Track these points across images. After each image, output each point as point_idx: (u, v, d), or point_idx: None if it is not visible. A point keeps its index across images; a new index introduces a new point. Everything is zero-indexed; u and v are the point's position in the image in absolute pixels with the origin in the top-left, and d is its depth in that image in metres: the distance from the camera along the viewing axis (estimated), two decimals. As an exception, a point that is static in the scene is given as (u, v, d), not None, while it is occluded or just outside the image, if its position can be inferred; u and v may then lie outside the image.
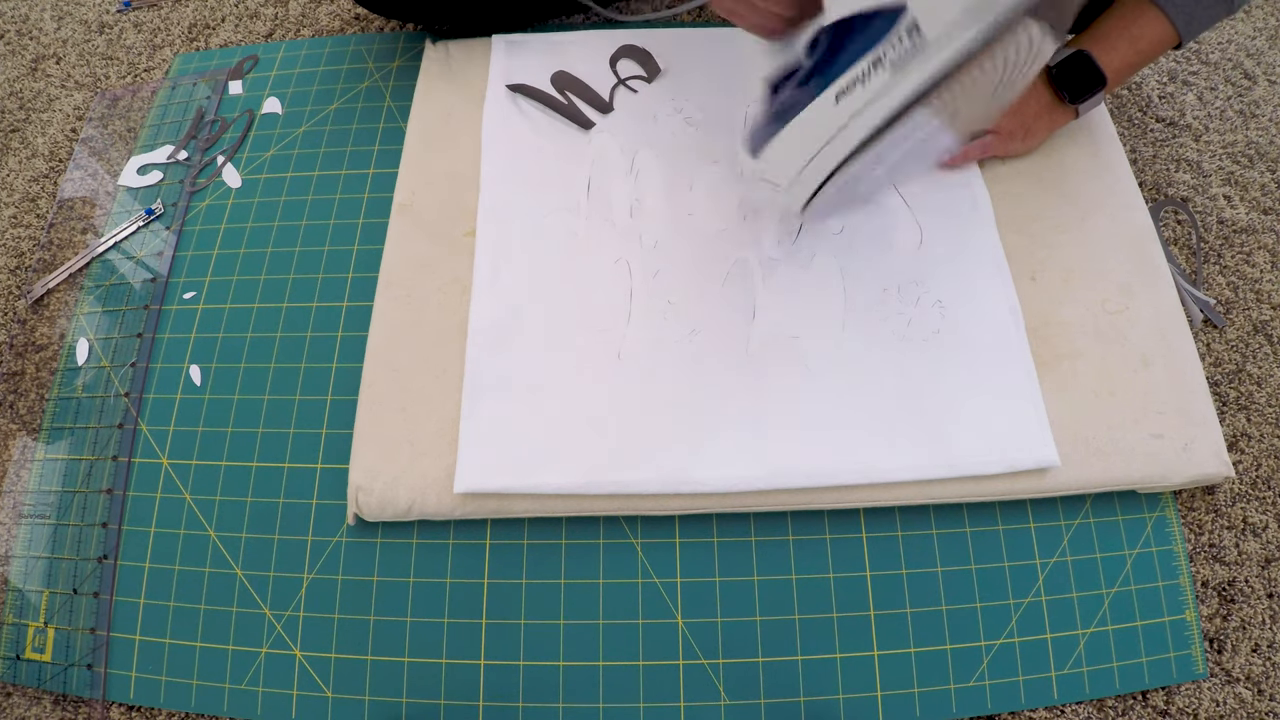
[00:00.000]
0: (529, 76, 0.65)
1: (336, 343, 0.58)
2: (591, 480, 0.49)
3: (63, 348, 0.61)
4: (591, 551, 0.51)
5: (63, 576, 0.53)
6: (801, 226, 0.57)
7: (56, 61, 0.77)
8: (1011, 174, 0.60)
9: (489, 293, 0.55)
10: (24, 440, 0.58)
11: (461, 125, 0.63)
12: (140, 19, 0.79)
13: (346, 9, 0.77)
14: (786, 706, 0.48)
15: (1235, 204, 0.65)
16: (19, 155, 0.72)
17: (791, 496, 0.50)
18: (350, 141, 0.66)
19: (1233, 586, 0.52)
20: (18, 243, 0.67)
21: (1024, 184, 0.59)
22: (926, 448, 0.50)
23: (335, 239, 0.62)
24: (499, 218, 0.58)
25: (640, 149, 0.61)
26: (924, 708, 0.48)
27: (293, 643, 0.50)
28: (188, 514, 0.53)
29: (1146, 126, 0.69)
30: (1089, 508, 0.52)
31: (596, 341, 0.53)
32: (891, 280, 0.55)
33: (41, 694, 0.51)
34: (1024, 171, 0.60)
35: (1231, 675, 0.49)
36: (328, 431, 0.55)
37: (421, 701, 0.49)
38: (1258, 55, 0.74)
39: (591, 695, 0.48)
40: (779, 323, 0.54)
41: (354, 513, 0.51)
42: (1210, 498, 0.54)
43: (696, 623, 0.50)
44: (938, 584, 0.50)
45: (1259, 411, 0.57)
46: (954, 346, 0.53)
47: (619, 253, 0.57)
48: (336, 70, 0.70)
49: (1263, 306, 0.61)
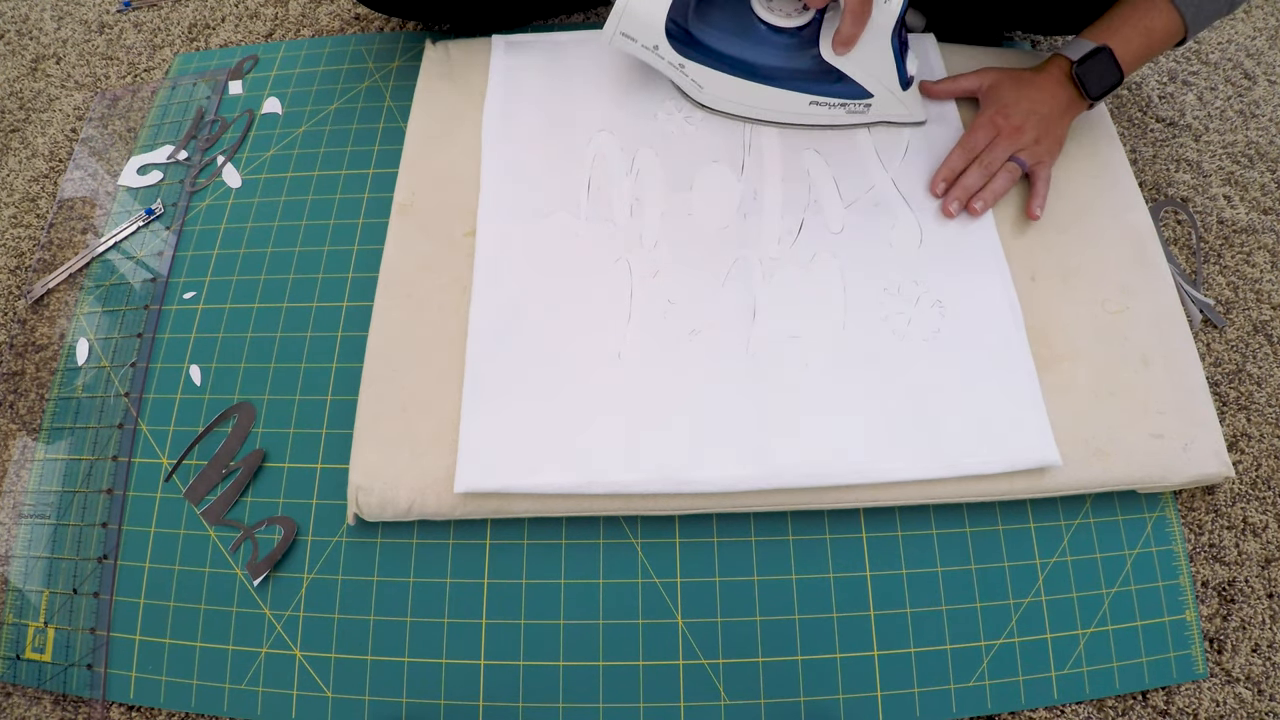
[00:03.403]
0: (529, 76, 0.65)
1: (336, 343, 0.58)
2: (591, 480, 0.49)
3: (63, 348, 0.61)
4: (591, 551, 0.51)
5: (63, 576, 0.53)
6: (802, 226, 0.57)
7: (56, 61, 0.77)
8: (1011, 174, 0.60)
9: (489, 293, 0.55)
10: (24, 440, 0.58)
11: (461, 125, 0.63)
12: (140, 19, 0.79)
13: (346, 9, 0.77)
14: (786, 706, 0.48)
15: (1235, 204, 0.65)
16: (19, 155, 0.72)
17: (791, 496, 0.50)
18: (350, 141, 0.66)
19: (1233, 586, 0.52)
20: (18, 243, 0.67)
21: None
22: (926, 447, 0.50)
23: (335, 239, 0.62)
24: (499, 218, 0.58)
25: (640, 149, 0.61)
26: (924, 708, 0.48)
27: (293, 643, 0.50)
28: (188, 514, 0.53)
29: (1146, 126, 0.69)
30: (1089, 508, 0.52)
31: (596, 341, 0.53)
32: (891, 280, 0.55)
33: (41, 694, 0.51)
34: (1024, 171, 0.60)
35: (1231, 675, 0.49)
36: (328, 431, 0.55)
37: (421, 701, 0.49)
38: (1258, 55, 0.74)
39: (591, 695, 0.48)
40: (779, 323, 0.54)
41: (354, 513, 0.50)
42: (1210, 498, 0.54)
43: (696, 623, 0.50)
44: (938, 584, 0.50)
45: (1259, 411, 0.57)
46: (954, 346, 0.53)
47: (619, 253, 0.57)
48: (336, 70, 0.70)
49: (1263, 306, 0.61)
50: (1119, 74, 0.55)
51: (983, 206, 0.57)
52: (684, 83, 0.60)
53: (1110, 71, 0.55)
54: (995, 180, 0.57)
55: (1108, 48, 0.55)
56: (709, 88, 0.59)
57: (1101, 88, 0.56)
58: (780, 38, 0.57)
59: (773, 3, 0.56)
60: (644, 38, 0.56)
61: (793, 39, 0.57)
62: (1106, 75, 0.56)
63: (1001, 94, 0.58)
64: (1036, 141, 0.57)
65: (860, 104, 0.58)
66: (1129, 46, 0.55)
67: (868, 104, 0.58)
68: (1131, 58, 0.55)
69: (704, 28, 0.58)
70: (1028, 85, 0.58)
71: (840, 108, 0.59)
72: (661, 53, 0.57)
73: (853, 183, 0.59)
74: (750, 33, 0.57)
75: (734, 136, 0.61)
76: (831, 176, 0.59)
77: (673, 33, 0.56)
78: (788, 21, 0.56)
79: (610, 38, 0.56)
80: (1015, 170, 0.57)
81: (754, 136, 0.61)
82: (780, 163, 0.60)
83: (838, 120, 0.60)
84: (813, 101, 0.58)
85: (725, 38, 0.58)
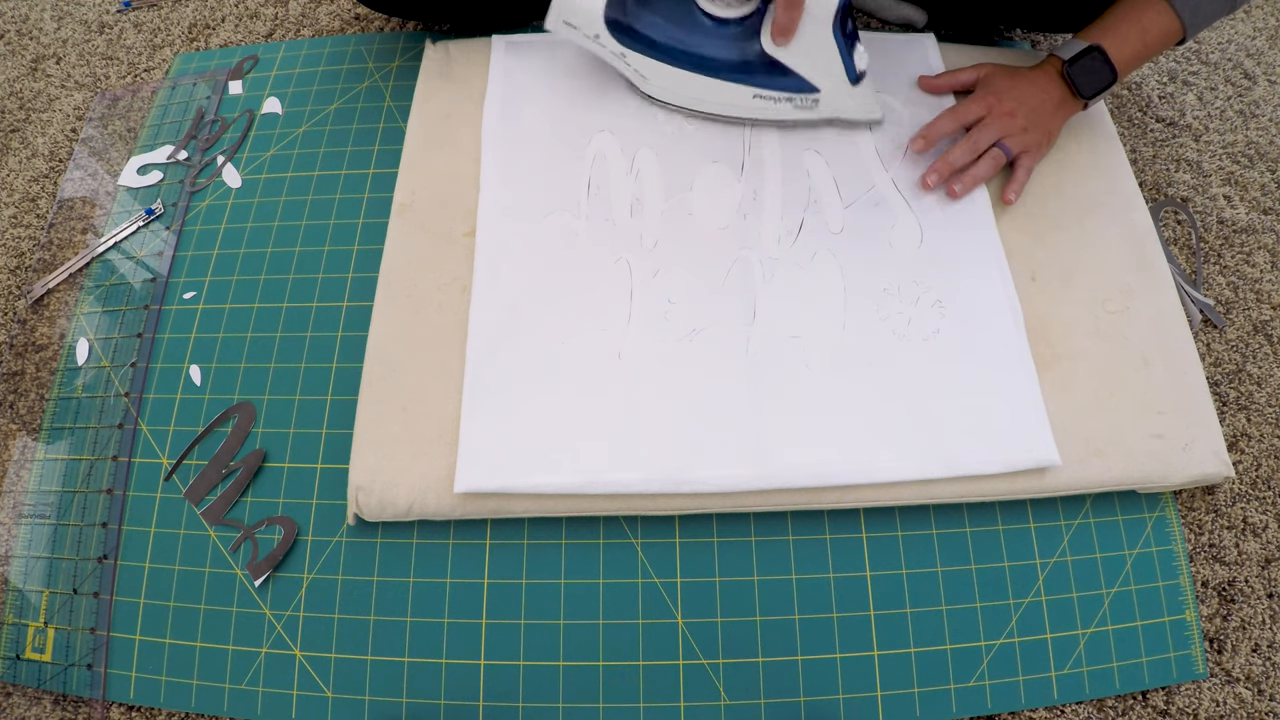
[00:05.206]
0: (529, 76, 0.65)
1: (336, 343, 0.58)
2: (591, 480, 0.49)
3: (63, 348, 0.61)
4: (591, 551, 0.51)
5: (63, 576, 0.53)
6: (802, 226, 0.57)
7: (56, 61, 0.77)
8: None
9: (489, 293, 0.55)
10: (24, 440, 0.58)
11: (461, 125, 0.63)
12: (140, 19, 0.79)
13: (346, 9, 0.77)
14: (786, 706, 0.48)
15: (1235, 204, 0.65)
16: (19, 155, 0.72)
17: (791, 496, 0.50)
18: (350, 141, 0.66)
19: (1233, 586, 0.52)
20: (18, 243, 0.67)
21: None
22: (926, 447, 0.50)
23: (335, 239, 0.62)
24: (499, 218, 0.58)
25: (640, 149, 0.61)
26: (924, 708, 0.48)
27: (293, 643, 0.50)
28: (188, 514, 0.53)
29: (1146, 126, 0.69)
30: (1089, 508, 0.52)
31: (596, 341, 0.53)
32: (891, 280, 0.55)
33: (41, 694, 0.51)
34: (1024, 171, 0.60)
35: (1231, 675, 0.49)
36: (328, 431, 0.55)
37: (421, 701, 0.49)
38: (1258, 55, 0.74)
39: (591, 695, 0.48)
40: (779, 322, 0.54)
41: (354, 513, 0.50)
42: (1210, 498, 0.54)
43: (696, 623, 0.50)
44: (938, 584, 0.50)
45: (1259, 411, 0.57)
46: (954, 346, 0.53)
47: (619, 253, 0.57)
48: (336, 70, 0.70)
49: (1263, 306, 0.61)
50: (1111, 74, 0.55)
51: (962, 190, 0.57)
52: (628, 73, 0.59)
53: (1102, 71, 0.56)
54: (978, 165, 0.57)
55: (1099, 47, 0.55)
56: (652, 79, 0.59)
57: (1093, 88, 0.56)
58: (722, 28, 0.56)
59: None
60: (585, 26, 0.56)
61: (735, 29, 0.56)
62: (1098, 75, 0.56)
63: (996, 81, 0.59)
64: (1024, 130, 0.57)
65: (807, 99, 0.57)
66: (1124, 46, 0.55)
67: (815, 99, 0.58)
68: (1127, 58, 0.55)
69: (645, 17, 0.57)
70: (1021, 78, 0.58)
71: (786, 102, 0.58)
72: (603, 42, 0.56)
73: (853, 183, 0.59)
74: (691, 23, 0.56)
75: (734, 137, 0.61)
76: (831, 176, 0.59)
77: (615, 22, 0.56)
78: (729, 11, 0.55)
79: (554, 26, 0.56)
80: (1000, 157, 0.57)
81: (754, 137, 0.61)
82: (780, 163, 0.60)
83: (785, 115, 0.59)
84: (756, 95, 0.58)
85: (667, 28, 0.57)
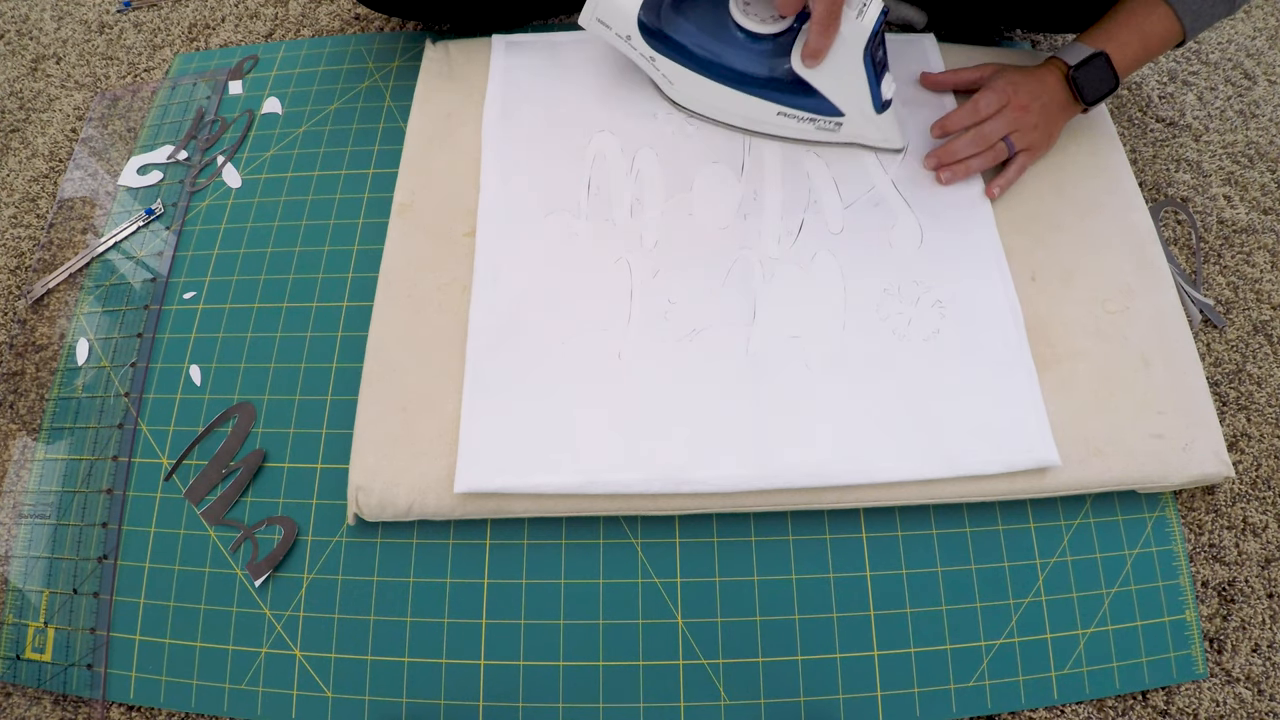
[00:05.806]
0: (529, 76, 0.65)
1: (336, 343, 0.58)
2: (591, 480, 0.49)
3: (63, 348, 0.61)
4: (591, 551, 0.51)
5: (63, 576, 0.53)
6: (802, 226, 0.57)
7: (56, 61, 0.77)
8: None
9: (489, 293, 0.55)
10: (24, 440, 0.58)
11: (461, 125, 0.63)
12: (140, 19, 0.79)
13: (346, 9, 0.77)
14: (786, 706, 0.48)
15: (1235, 204, 0.65)
16: (19, 155, 0.72)
17: (791, 496, 0.50)
18: (350, 141, 0.66)
19: (1233, 586, 0.52)
20: (18, 243, 0.67)
21: (1023, 183, 0.59)
22: (926, 447, 0.50)
23: (335, 239, 0.62)
24: (499, 218, 0.58)
25: (640, 149, 0.61)
26: (924, 708, 0.48)
27: (293, 643, 0.50)
28: (188, 514, 0.53)
29: (1146, 126, 0.69)
30: (1089, 508, 0.52)
31: (596, 341, 0.53)
32: (891, 280, 0.55)
33: (41, 694, 0.51)
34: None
35: (1231, 675, 0.49)
36: (328, 431, 0.55)
37: (421, 701, 0.49)
38: (1258, 55, 0.74)
39: (591, 695, 0.48)
40: (779, 323, 0.54)
41: (354, 513, 0.50)
42: (1210, 498, 0.54)
43: (696, 623, 0.50)
44: (938, 584, 0.50)
45: (1259, 411, 0.57)
46: (954, 346, 0.53)
47: (619, 253, 0.57)
48: (336, 70, 0.70)
49: (1263, 306, 0.61)
50: (1114, 80, 0.56)
51: (948, 178, 0.58)
52: (655, 76, 0.60)
53: (1106, 78, 0.56)
54: (976, 156, 0.57)
55: (1105, 54, 0.55)
56: (679, 85, 0.59)
57: (1097, 93, 0.56)
58: (754, 44, 0.56)
59: (750, 7, 0.56)
60: (618, 26, 0.56)
61: (766, 46, 0.56)
62: (1102, 81, 0.56)
63: (1009, 74, 0.58)
64: (1034, 127, 0.57)
65: (830, 121, 0.58)
66: (1126, 51, 0.55)
67: (838, 122, 0.58)
68: (1128, 62, 0.56)
69: (679, 24, 0.57)
70: (1031, 76, 0.58)
71: (809, 122, 0.58)
72: (634, 44, 0.57)
73: (853, 183, 0.59)
74: (724, 35, 0.57)
75: (734, 137, 0.61)
76: (831, 177, 0.59)
77: (648, 26, 0.56)
78: (763, 28, 0.55)
79: (587, 22, 0.56)
80: (1001, 151, 0.57)
81: (754, 138, 0.61)
82: (780, 163, 0.60)
83: (806, 135, 0.59)
84: (780, 112, 0.58)
85: (699, 37, 0.57)
